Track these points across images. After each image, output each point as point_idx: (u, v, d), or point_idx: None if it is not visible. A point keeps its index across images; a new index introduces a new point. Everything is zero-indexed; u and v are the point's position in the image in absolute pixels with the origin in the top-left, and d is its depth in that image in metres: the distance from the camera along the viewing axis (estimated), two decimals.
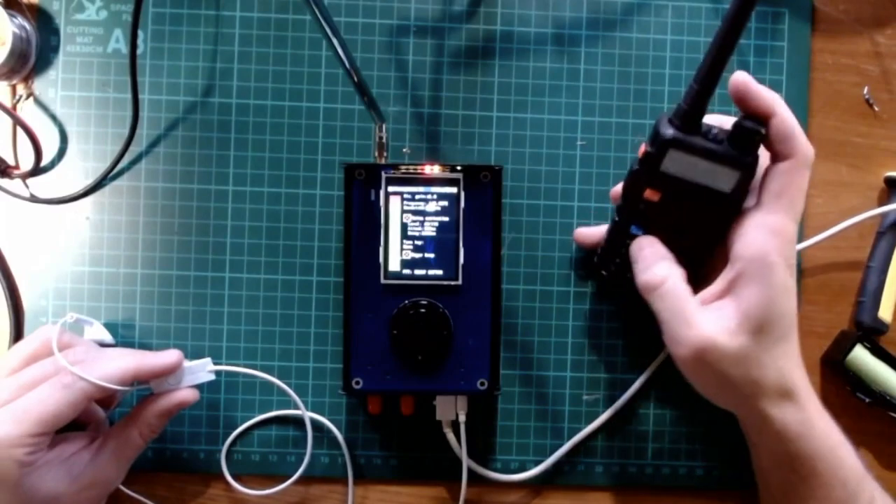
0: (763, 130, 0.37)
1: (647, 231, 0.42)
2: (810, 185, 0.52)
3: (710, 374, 0.39)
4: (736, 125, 0.37)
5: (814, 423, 0.40)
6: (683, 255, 0.41)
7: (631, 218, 0.42)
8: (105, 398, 0.46)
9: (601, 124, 0.51)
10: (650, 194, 0.39)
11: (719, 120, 0.40)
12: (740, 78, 0.37)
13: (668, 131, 0.37)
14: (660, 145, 0.37)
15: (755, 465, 0.46)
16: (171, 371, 0.44)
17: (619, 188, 0.41)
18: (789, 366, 0.39)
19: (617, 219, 0.43)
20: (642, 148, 0.38)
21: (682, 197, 0.38)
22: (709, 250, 0.41)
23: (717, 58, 0.34)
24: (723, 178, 0.37)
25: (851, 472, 0.41)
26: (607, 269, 0.47)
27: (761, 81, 0.51)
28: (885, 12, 0.53)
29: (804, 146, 0.37)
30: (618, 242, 0.44)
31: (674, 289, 0.39)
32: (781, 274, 0.37)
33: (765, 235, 0.37)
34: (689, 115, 0.36)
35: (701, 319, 0.38)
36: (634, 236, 0.42)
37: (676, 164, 0.37)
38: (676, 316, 0.38)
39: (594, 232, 0.48)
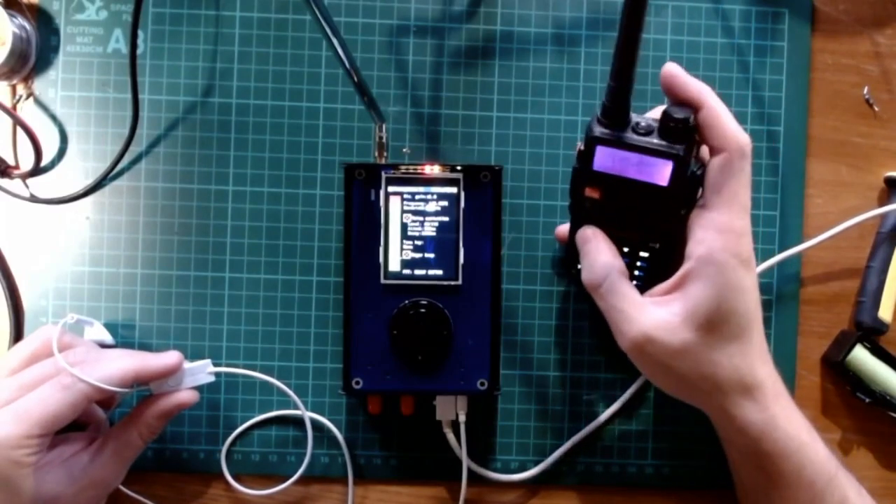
0: (690, 119, 0.36)
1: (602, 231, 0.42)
2: (810, 184, 0.53)
3: (654, 366, 0.40)
4: (663, 115, 0.36)
5: (777, 422, 0.40)
6: (650, 258, 0.41)
7: (580, 218, 0.42)
8: (105, 399, 0.46)
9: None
10: (591, 192, 0.39)
11: (656, 113, 0.40)
12: (669, 69, 0.37)
13: (594, 128, 0.37)
14: (587, 143, 0.37)
15: (728, 459, 0.47)
16: (172, 372, 0.44)
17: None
18: (748, 363, 0.39)
19: (572, 220, 0.43)
20: (578, 147, 0.39)
21: (622, 193, 0.38)
22: (670, 248, 0.41)
23: (625, 52, 0.34)
24: (656, 172, 0.37)
25: (819, 472, 0.41)
26: (575, 268, 0.46)
27: (761, 81, 0.52)
28: (885, 12, 0.53)
29: (736, 136, 0.36)
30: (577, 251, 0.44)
31: (613, 286, 0.39)
32: (731, 272, 0.37)
33: (711, 234, 0.37)
34: (612, 111, 0.36)
35: (640, 315, 0.38)
36: None
37: (607, 160, 0.37)
38: (617, 312, 0.39)
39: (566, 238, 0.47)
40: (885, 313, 0.51)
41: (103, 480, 0.44)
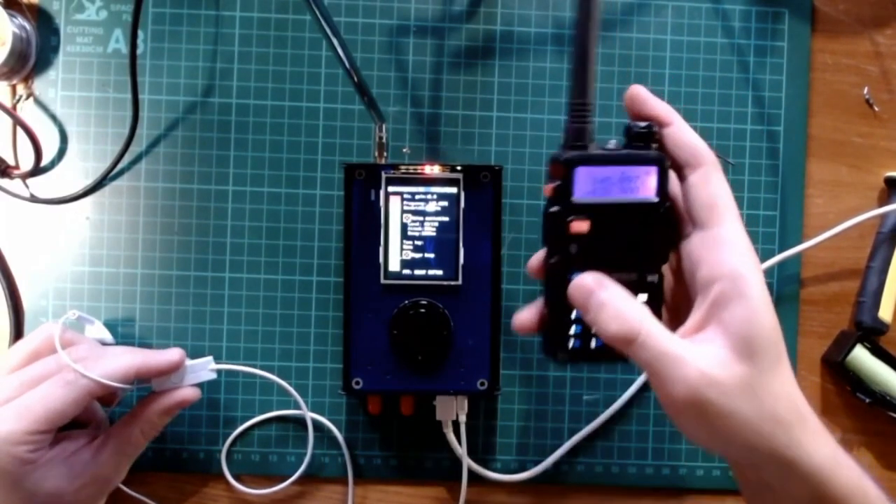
0: (654, 127, 0.35)
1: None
2: (810, 184, 0.53)
3: (715, 416, 0.32)
4: (628, 130, 0.35)
5: (839, 457, 0.34)
6: (650, 299, 0.36)
7: (566, 266, 0.35)
8: (106, 396, 0.46)
9: (601, 124, 0.51)
10: (577, 226, 0.34)
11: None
12: (635, 90, 0.36)
13: (565, 154, 0.34)
14: (564, 168, 0.34)
15: None
16: (174, 369, 0.44)
17: (534, 261, 0.36)
18: (795, 387, 0.34)
19: (550, 278, 0.35)
20: (548, 187, 0.35)
21: (610, 222, 0.35)
22: (657, 283, 0.36)
23: (581, 63, 0.34)
24: (641, 185, 0.34)
25: (878, 500, 0.34)
26: (563, 349, 0.36)
27: (761, 81, 0.52)
28: (885, 12, 0.53)
29: (708, 151, 0.35)
30: (564, 309, 0.35)
31: (653, 333, 0.33)
32: (756, 284, 0.33)
33: (725, 251, 0.33)
34: (580, 130, 0.34)
35: (692, 355, 0.32)
36: None
37: (588, 184, 0.34)
38: (663, 358, 0.32)
39: (533, 310, 0.37)
40: (885, 313, 0.51)
41: (105, 477, 0.44)
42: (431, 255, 0.47)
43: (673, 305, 0.37)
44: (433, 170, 0.46)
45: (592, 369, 0.51)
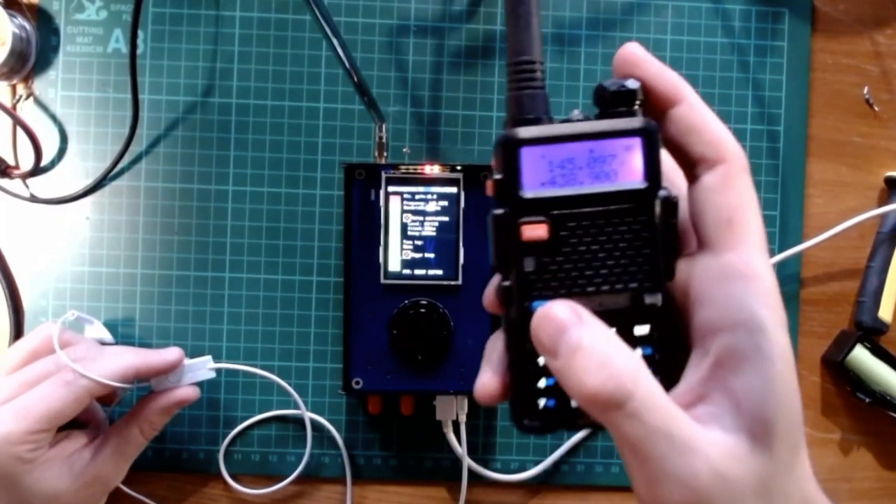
0: (638, 91, 0.25)
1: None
2: (810, 184, 0.53)
3: None
4: (599, 91, 0.25)
5: None
6: (654, 333, 0.25)
7: (523, 290, 0.25)
8: (106, 395, 0.46)
9: None
10: (531, 232, 0.24)
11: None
12: (629, 50, 0.26)
13: (511, 132, 0.25)
14: (505, 153, 0.25)
15: None
16: (172, 368, 0.44)
17: (489, 289, 0.27)
18: (814, 485, 0.25)
19: (506, 311, 0.25)
20: (489, 183, 0.25)
21: (580, 224, 0.24)
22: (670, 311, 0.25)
23: (519, 6, 0.26)
24: (622, 166, 0.24)
25: None
26: (530, 412, 0.25)
27: (761, 81, 0.52)
28: (885, 12, 0.53)
29: (735, 143, 0.25)
30: (528, 354, 0.25)
31: (652, 398, 0.23)
32: (779, 341, 0.24)
33: (736, 287, 0.24)
34: (528, 98, 0.26)
35: (702, 442, 0.22)
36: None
37: (542, 170, 0.24)
38: (662, 441, 0.22)
39: (497, 375, 0.26)
40: (885, 313, 0.51)
41: (105, 477, 0.44)
42: (431, 255, 0.47)
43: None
44: (433, 170, 0.46)
45: None
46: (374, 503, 0.51)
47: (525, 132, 0.24)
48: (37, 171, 0.50)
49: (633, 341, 0.24)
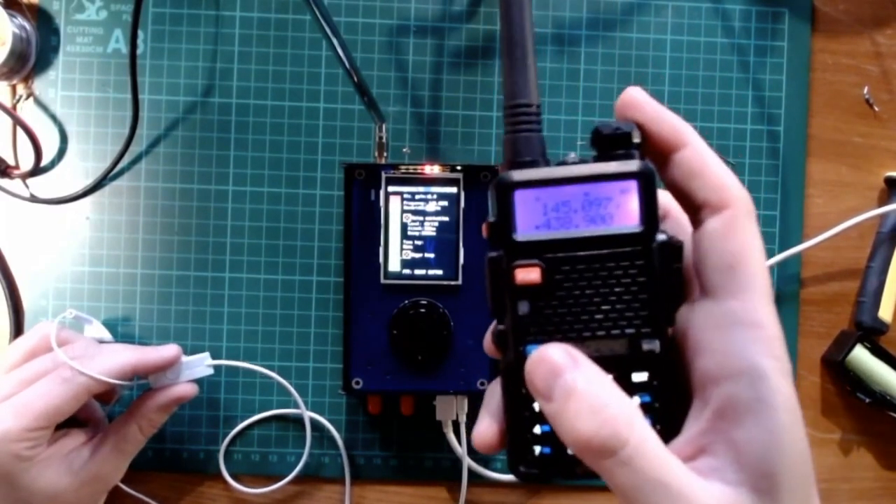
0: (634, 133, 0.25)
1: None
2: (810, 184, 0.53)
3: None
4: (596, 133, 0.25)
5: None
6: (653, 379, 0.25)
7: (518, 334, 0.25)
8: (104, 393, 0.46)
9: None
10: (524, 276, 0.24)
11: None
12: (631, 95, 0.25)
13: (504, 176, 0.25)
14: (499, 195, 0.25)
15: None
16: (170, 365, 0.44)
17: (488, 334, 0.27)
18: None
19: (502, 355, 0.26)
20: (484, 226, 0.26)
21: (574, 267, 0.24)
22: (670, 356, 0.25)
23: (516, 49, 0.26)
24: (617, 209, 0.24)
25: None
26: (526, 459, 0.25)
27: (761, 81, 0.52)
28: (885, 12, 0.53)
29: (739, 188, 0.25)
30: (523, 399, 0.25)
31: (646, 446, 0.22)
32: (783, 390, 0.23)
33: (737, 336, 0.23)
34: (523, 141, 0.25)
35: (700, 495, 0.22)
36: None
37: (535, 213, 0.24)
38: (656, 491, 0.22)
39: (495, 422, 0.26)
40: (885, 313, 0.51)
41: (104, 475, 0.44)
42: (431, 255, 0.47)
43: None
44: (433, 170, 0.46)
45: None
46: (374, 503, 0.51)
47: (519, 175, 0.24)
48: (37, 171, 0.50)
49: (631, 388, 0.24)
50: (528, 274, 0.24)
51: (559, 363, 0.23)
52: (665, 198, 0.26)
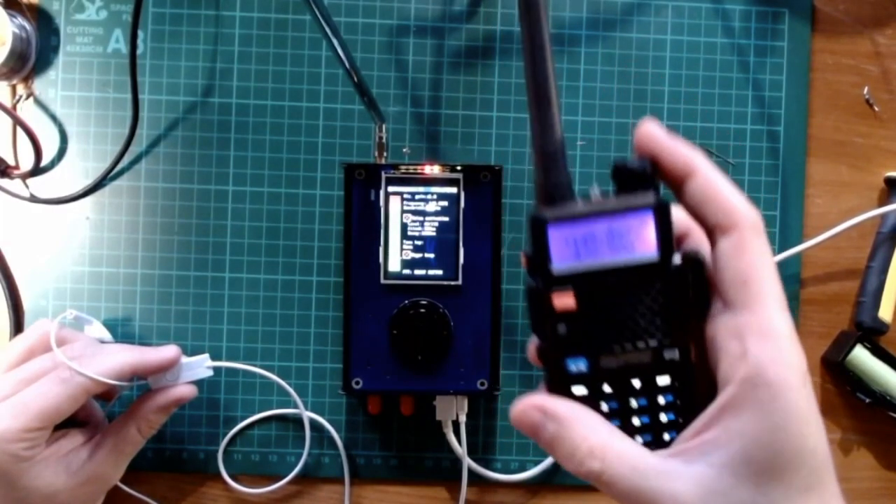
0: (647, 168, 0.28)
1: (593, 363, 0.29)
2: (810, 184, 0.53)
3: None
4: (615, 170, 0.28)
5: None
6: (675, 383, 0.28)
7: (559, 350, 0.29)
8: (104, 393, 0.46)
9: (601, 124, 0.51)
10: (561, 303, 0.28)
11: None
12: (647, 130, 0.28)
13: (537, 213, 0.28)
14: (534, 230, 0.28)
15: None
16: (169, 366, 0.44)
17: (531, 346, 0.30)
18: None
19: (546, 367, 0.30)
20: (524, 258, 0.29)
21: (603, 292, 0.28)
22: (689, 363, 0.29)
23: (541, 95, 0.29)
24: (637, 240, 0.28)
25: None
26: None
27: (761, 81, 0.52)
28: (885, 12, 0.53)
29: (746, 208, 0.27)
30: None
31: (619, 466, 0.27)
32: (790, 394, 0.25)
33: (750, 343, 0.26)
34: (554, 185, 0.29)
35: (674, 483, 0.26)
36: (577, 378, 0.29)
37: (568, 247, 0.28)
38: (639, 496, 0.26)
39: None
40: (885, 313, 0.51)
41: (102, 476, 0.44)
42: (431, 255, 0.47)
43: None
44: (433, 170, 0.46)
45: None
46: (373, 503, 0.51)
47: (550, 213, 0.28)
48: (37, 171, 0.50)
49: (656, 389, 0.29)
50: (564, 301, 0.28)
51: (534, 422, 0.29)
52: (688, 219, 0.29)
